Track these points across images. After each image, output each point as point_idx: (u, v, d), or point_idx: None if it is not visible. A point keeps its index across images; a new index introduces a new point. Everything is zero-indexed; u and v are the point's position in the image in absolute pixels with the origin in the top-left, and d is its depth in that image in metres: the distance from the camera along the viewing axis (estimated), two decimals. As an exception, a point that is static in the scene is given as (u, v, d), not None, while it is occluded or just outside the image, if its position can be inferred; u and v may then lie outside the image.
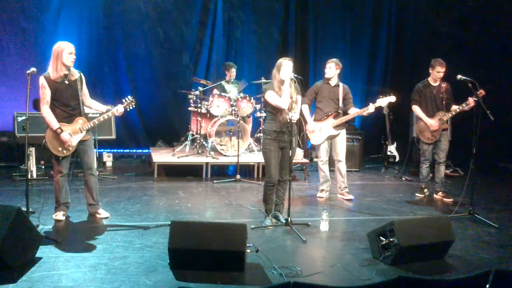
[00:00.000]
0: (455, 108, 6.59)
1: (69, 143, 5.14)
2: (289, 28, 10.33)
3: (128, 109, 5.46)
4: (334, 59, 6.61)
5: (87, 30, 9.20)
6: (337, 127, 6.57)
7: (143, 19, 9.53)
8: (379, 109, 6.94)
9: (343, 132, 6.67)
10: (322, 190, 6.81)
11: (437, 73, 6.61)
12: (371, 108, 6.32)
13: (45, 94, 5.05)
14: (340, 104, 6.58)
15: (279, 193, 5.48)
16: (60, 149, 5.16)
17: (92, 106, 5.43)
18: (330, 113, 6.55)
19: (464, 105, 6.41)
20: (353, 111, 6.48)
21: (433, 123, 6.63)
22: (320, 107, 6.63)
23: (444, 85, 6.70)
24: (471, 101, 6.24)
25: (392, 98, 6.37)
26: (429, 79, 6.75)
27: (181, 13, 9.69)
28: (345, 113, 6.62)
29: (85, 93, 5.34)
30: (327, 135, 6.58)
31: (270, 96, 5.24)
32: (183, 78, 9.55)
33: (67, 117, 5.17)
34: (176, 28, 9.69)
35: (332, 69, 6.53)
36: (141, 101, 9.59)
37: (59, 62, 5.04)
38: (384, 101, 6.37)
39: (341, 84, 6.62)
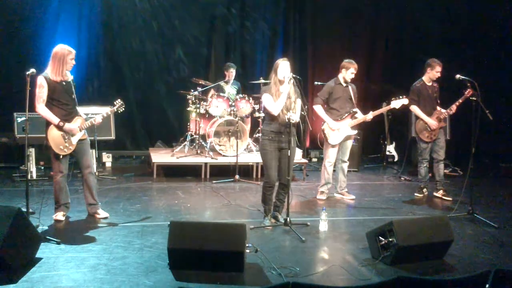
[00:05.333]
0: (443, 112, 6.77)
1: (76, 131, 5.20)
2: (288, 28, 10.32)
3: (119, 111, 5.63)
4: (354, 62, 6.48)
5: (87, 30, 9.21)
6: (353, 127, 6.58)
7: (143, 20, 9.53)
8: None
9: None
10: (323, 192, 6.70)
11: (436, 73, 6.65)
12: (369, 116, 6.49)
13: (42, 92, 5.07)
14: (355, 103, 6.59)
15: (280, 196, 5.47)
16: (61, 147, 5.19)
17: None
18: (348, 113, 6.50)
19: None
20: (367, 116, 6.50)
21: (433, 122, 6.67)
22: (335, 108, 6.53)
23: (435, 84, 6.81)
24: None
25: (405, 101, 6.49)
26: (424, 78, 6.77)
27: (180, 13, 9.69)
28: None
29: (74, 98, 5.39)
30: (345, 134, 6.53)
31: (265, 100, 5.24)
32: (182, 79, 9.54)
33: (66, 115, 5.20)
34: (175, 28, 9.69)
35: (354, 73, 6.48)
36: (140, 102, 9.65)
37: (62, 65, 5.09)
38: (398, 103, 6.47)
39: (349, 84, 6.58)
